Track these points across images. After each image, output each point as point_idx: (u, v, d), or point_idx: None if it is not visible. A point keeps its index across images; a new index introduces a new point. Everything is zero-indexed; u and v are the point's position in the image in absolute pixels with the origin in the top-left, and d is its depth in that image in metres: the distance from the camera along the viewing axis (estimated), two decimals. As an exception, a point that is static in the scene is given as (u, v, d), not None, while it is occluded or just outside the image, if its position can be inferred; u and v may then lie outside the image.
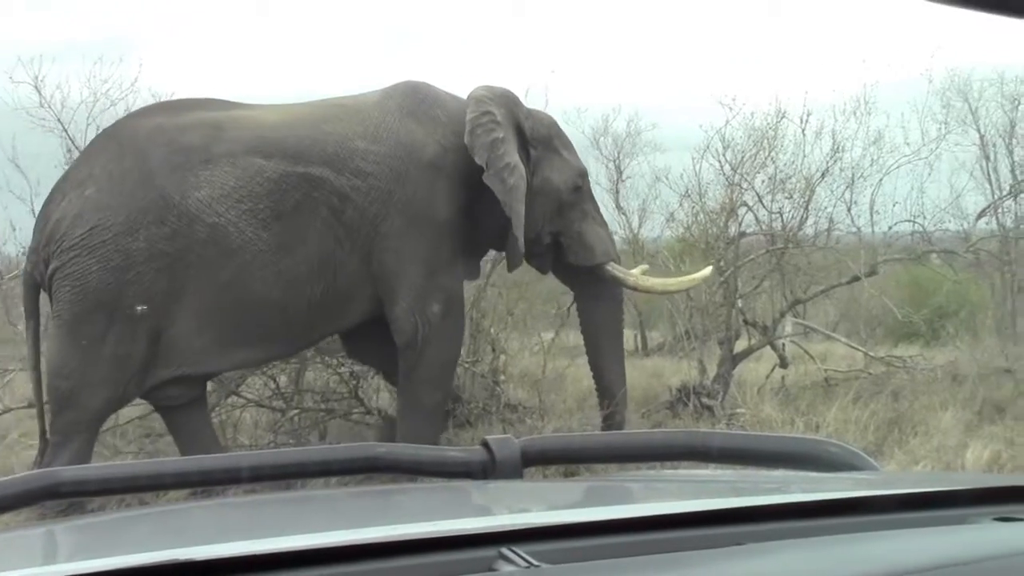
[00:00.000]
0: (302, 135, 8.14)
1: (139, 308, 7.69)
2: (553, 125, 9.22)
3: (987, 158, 14.55)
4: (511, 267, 9.16)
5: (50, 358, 7.94)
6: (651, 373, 12.26)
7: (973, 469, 8.23)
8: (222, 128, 8.06)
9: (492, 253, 9.81)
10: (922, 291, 14.22)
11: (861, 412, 9.93)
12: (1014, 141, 14.42)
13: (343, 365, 10.21)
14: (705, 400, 10.75)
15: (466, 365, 10.50)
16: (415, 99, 8.57)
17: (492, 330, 10.80)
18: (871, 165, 12.79)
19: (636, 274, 9.45)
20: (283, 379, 10.29)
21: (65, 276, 7.75)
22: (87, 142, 10.88)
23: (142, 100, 11.17)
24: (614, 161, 18.69)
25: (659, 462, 2.86)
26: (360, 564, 1.18)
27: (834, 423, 9.64)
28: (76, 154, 10.92)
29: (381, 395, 10.52)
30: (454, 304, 8.59)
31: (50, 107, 10.94)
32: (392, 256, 8.22)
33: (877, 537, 1.25)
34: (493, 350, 10.56)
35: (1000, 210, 14.01)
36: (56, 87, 11.08)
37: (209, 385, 10.02)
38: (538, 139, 8.91)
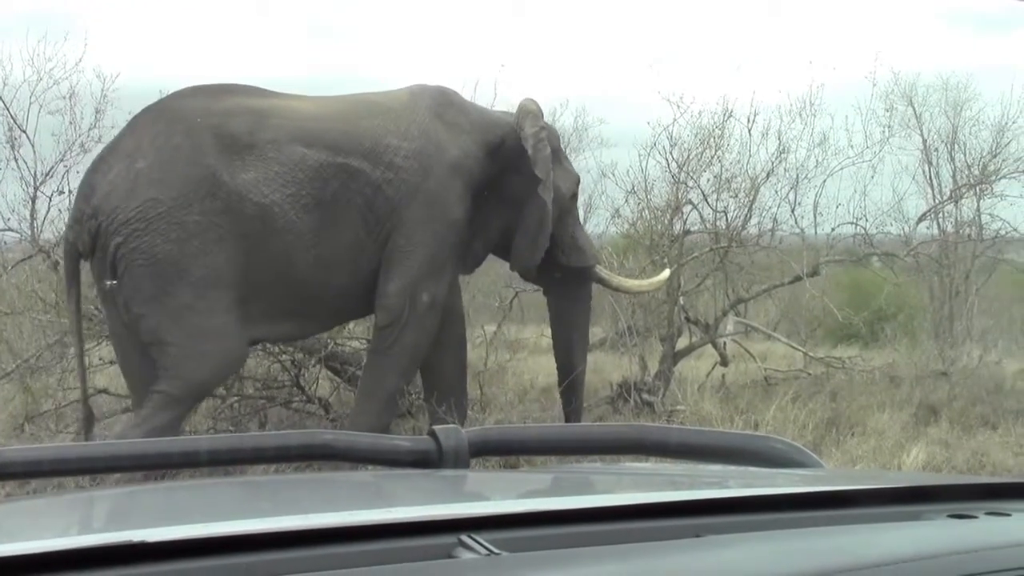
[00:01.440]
0: (341, 128, 8.49)
1: (208, 275, 7.96)
2: (559, 137, 9.86)
3: (929, 163, 14.75)
4: (520, 270, 9.80)
5: (149, 328, 8.01)
6: (592, 368, 12.26)
7: (909, 470, 8.33)
8: (265, 116, 8.35)
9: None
10: (862, 293, 14.38)
11: (800, 411, 10.02)
12: (955, 147, 14.61)
13: (284, 353, 10.15)
14: (645, 396, 10.80)
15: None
16: (442, 103, 8.99)
17: (435, 321, 10.76)
18: (815, 166, 12.90)
19: (617, 276, 10.07)
20: (224, 366, 10.19)
21: (132, 251, 7.93)
22: (29, 121, 10.75)
23: (86, 80, 11.03)
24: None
25: (602, 456, 2.86)
26: (318, 549, 1.16)
27: (773, 422, 9.72)
28: (18, 133, 10.76)
29: (322, 384, 10.47)
30: (438, 299, 8.85)
31: (-8, 85, 10.78)
32: (403, 240, 8.55)
33: (834, 531, 1.26)
34: (436, 342, 10.52)
35: (940, 215, 14.20)
36: (-2, 64, 10.92)
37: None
38: (555, 149, 9.35)
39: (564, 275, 9.54)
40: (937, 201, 14.30)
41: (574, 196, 9.60)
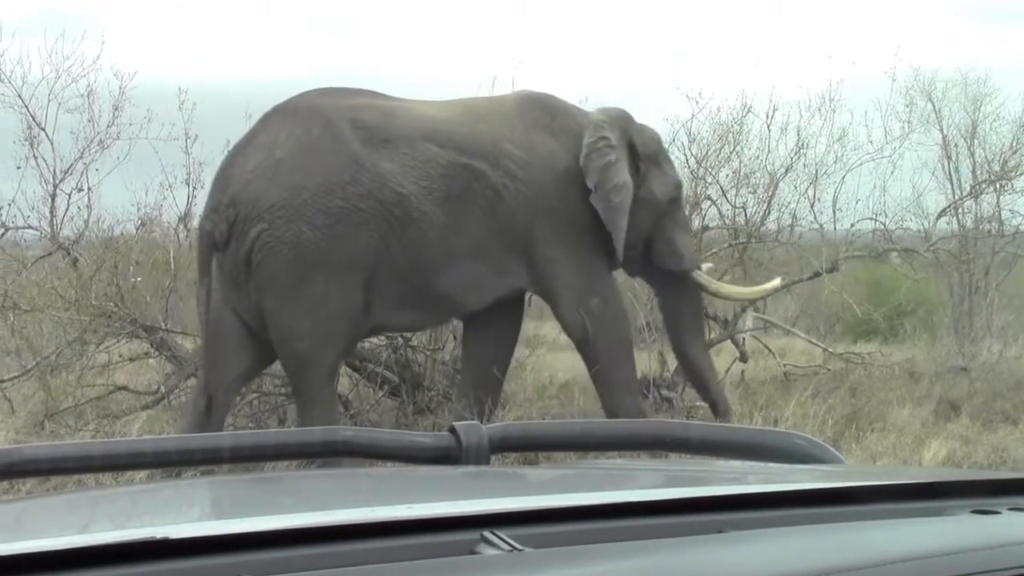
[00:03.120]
0: (464, 131, 8.82)
1: (345, 260, 8.28)
2: (658, 141, 9.94)
3: (949, 158, 14.64)
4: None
5: (280, 326, 8.34)
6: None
7: (930, 465, 8.30)
8: (393, 114, 8.71)
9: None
10: (882, 289, 14.31)
11: (819, 407, 9.99)
12: (975, 142, 14.52)
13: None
14: (665, 392, 10.79)
15: (427, 352, 10.50)
16: (550, 112, 9.27)
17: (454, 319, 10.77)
18: (835, 162, 12.89)
19: (717, 281, 10.16)
20: (242, 362, 10.21)
21: (275, 240, 8.20)
22: (48, 119, 10.78)
23: (104, 78, 11.08)
24: (579, 152, 18.66)
25: (623, 452, 2.85)
26: (340, 545, 1.17)
27: (792, 418, 9.69)
28: (37, 131, 10.81)
29: (341, 380, 10.47)
30: (609, 293, 9.32)
31: (10, 83, 10.83)
32: (544, 263, 8.96)
33: (858, 527, 1.25)
34: (455, 338, 10.53)
35: (960, 210, 14.12)
36: (16, 63, 10.96)
37: (169, 366, 9.99)
38: (647, 155, 9.51)
39: (666, 278, 9.75)
40: (957, 197, 14.22)
41: (673, 200, 9.65)
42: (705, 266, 10.33)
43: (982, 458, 8.84)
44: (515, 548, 1.14)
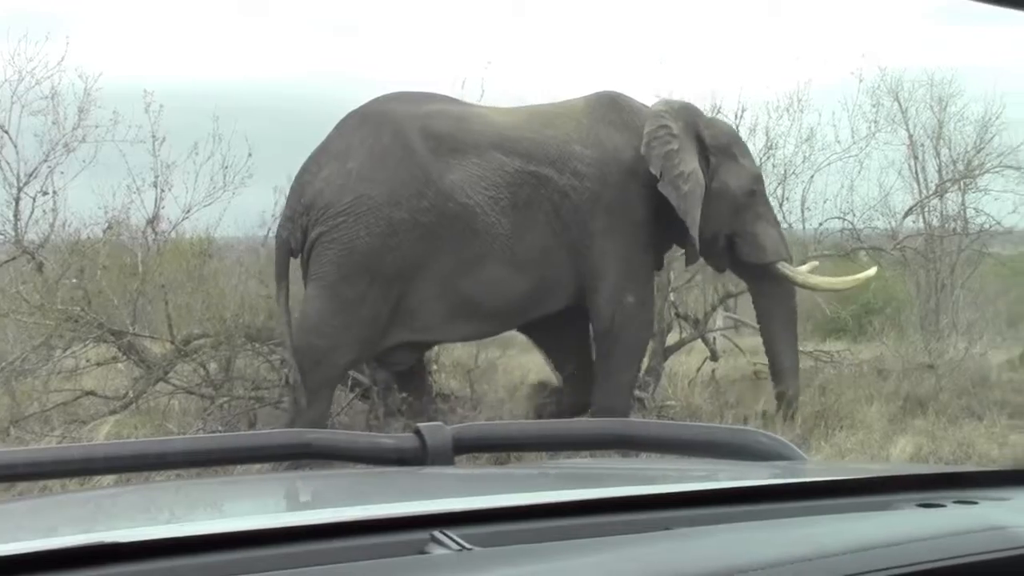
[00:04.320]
0: (531, 137, 9.09)
1: (394, 272, 8.58)
2: (732, 134, 10.18)
3: (915, 157, 14.74)
4: (688, 262, 10.24)
5: (308, 316, 8.78)
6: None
7: (896, 461, 8.36)
8: (463, 122, 9.02)
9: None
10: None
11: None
12: (941, 142, 14.63)
13: (274, 352, 10.13)
14: (637, 392, 10.79)
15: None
16: (617, 108, 9.49)
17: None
18: (803, 162, 13.00)
19: (804, 272, 10.19)
20: (213, 366, 10.18)
21: (332, 240, 8.58)
22: (11, 122, 10.71)
23: (68, 80, 10.98)
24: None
25: (591, 451, 2.87)
26: (291, 546, 1.18)
27: (762, 416, 9.74)
28: (0, 133, 10.73)
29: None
30: (646, 294, 9.53)
31: (-28, 86, 10.73)
32: (597, 253, 9.16)
33: (804, 522, 1.27)
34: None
35: (926, 209, 14.22)
36: (-22, 64, 10.86)
37: (137, 370, 9.94)
38: (717, 147, 9.69)
39: (752, 272, 9.97)
40: (923, 196, 14.33)
41: (751, 192, 9.79)
42: (808, 265, 10.63)
43: (948, 454, 8.91)
44: (464, 547, 1.16)
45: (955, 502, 1.41)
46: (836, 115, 14.67)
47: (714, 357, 11.97)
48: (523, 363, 11.97)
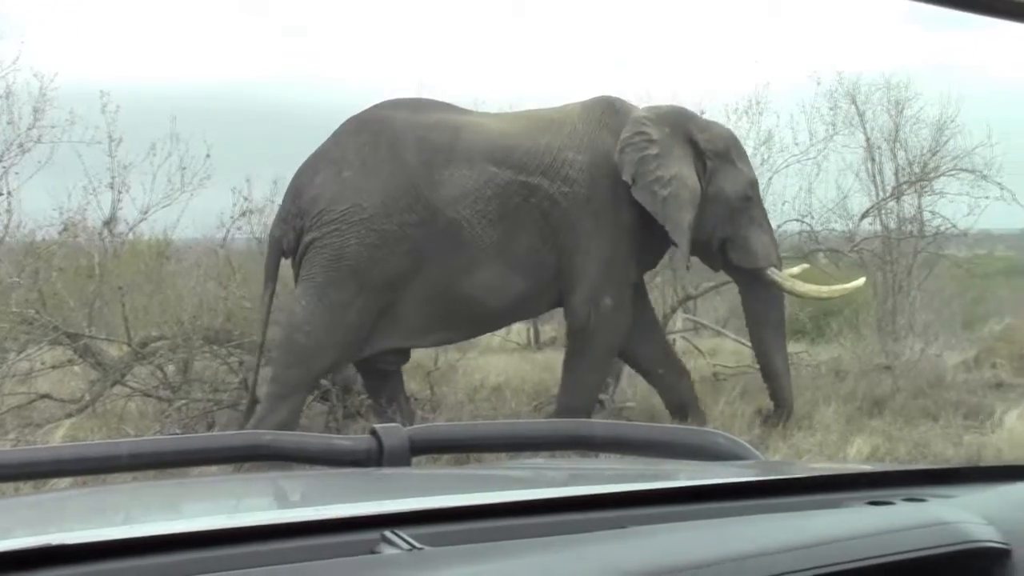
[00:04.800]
0: (524, 146, 9.21)
1: (381, 281, 8.77)
2: (729, 138, 10.18)
3: (872, 160, 14.83)
4: (678, 266, 10.42)
5: (295, 315, 8.89)
6: (543, 367, 12.30)
7: (853, 462, 8.42)
8: (459, 133, 9.14)
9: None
10: (808, 289, 14.46)
11: (748, 406, 10.13)
12: (898, 144, 14.73)
13: (232, 355, 10.09)
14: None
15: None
16: (611, 112, 9.57)
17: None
18: (762, 164, 13.05)
19: (792, 279, 10.25)
20: (171, 369, 10.13)
21: (324, 246, 8.78)
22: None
23: (23, 79, 10.90)
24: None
25: (548, 451, 2.88)
26: (243, 547, 1.17)
27: (721, 417, 9.80)
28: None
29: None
30: (624, 298, 9.53)
31: (-75, 86, 10.63)
32: (579, 253, 9.26)
33: (756, 519, 1.28)
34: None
35: (883, 211, 14.33)
36: (-69, 65, 10.76)
37: (93, 373, 9.86)
38: (713, 151, 9.76)
39: (744, 276, 10.10)
40: (880, 198, 14.44)
41: (746, 198, 9.86)
42: (796, 268, 10.74)
43: (904, 454, 8.99)
44: (414, 547, 1.16)
45: (904, 499, 1.43)
46: (794, 118, 14.78)
47: (673, 358, 11.99)
48: (483, 365, 12.00)
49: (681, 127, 9.67)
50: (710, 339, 13.80)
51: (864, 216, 13.99)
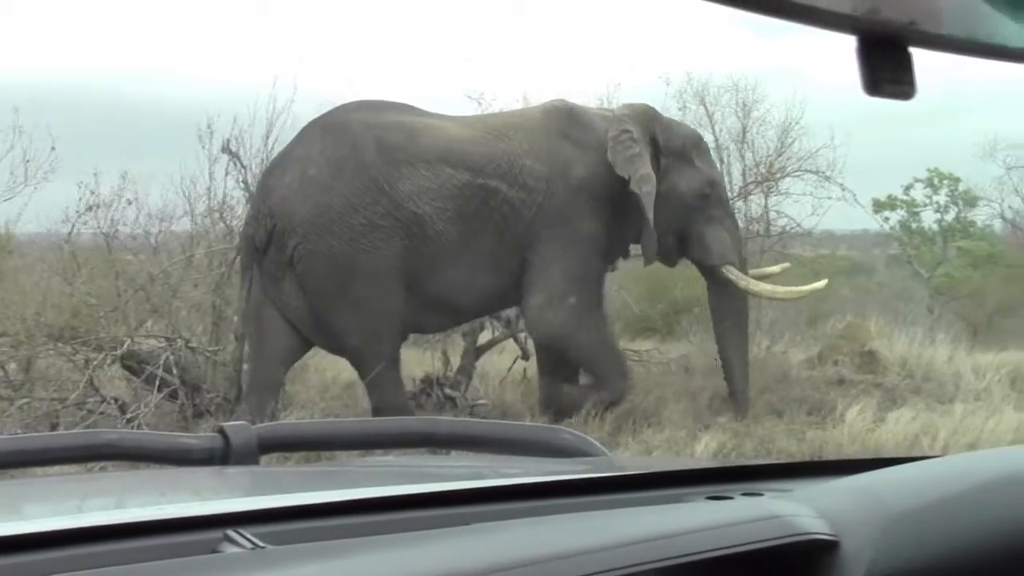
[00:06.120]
0: (482, 151, 9.59)
1: (378, 267, 9.31)
2: (689, 137, 10.54)
3: (721, 160, 15.14)
4: (646, 262, 10.55)
5: (331, 325, 9.54)
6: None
7: (701, 457, 8.60)
8: (417, 134, 9.55)
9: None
10: (658, 287, 14.72)
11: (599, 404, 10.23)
12: (745, 145, 15.09)
13: (78, 353, 9.83)
14: (448, 391, 10.87)
15: (207, 354, 10.29)
16: (571, 122, 9.96)
17: (235, 318, 10.59)
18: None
19: (747, 278, 10.53)
20: (12, 367, 9.83)
21: (310, 253, 9.29)
22: None
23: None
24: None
25: (399, 449, 2.88)
26: (79, 549, 1.15)
27: (573, 414, 9.89)
28: None
29: (118, 384, 10.18)
30: (591, 295, 9.98)
31: None
32: (537, 259, 9.67)
33: (596, 515, 1.31)
34: (236, 339, 10.36)
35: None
36: None
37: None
38: (670, 150, 10.09)
39: (703, 272, 10.52)
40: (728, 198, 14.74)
41: (702, 196, 10.16)
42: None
43: (750, 450, 9.21)
44: (257, 546, 1.16)
45: (743, 494, 1.47)
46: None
47: (525, 356, 12.10)
48: (335, 362, 11.91)
49: (648, 126, 10.02)
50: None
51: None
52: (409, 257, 9.36)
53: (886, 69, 0.87)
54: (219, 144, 11.87)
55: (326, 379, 11.20)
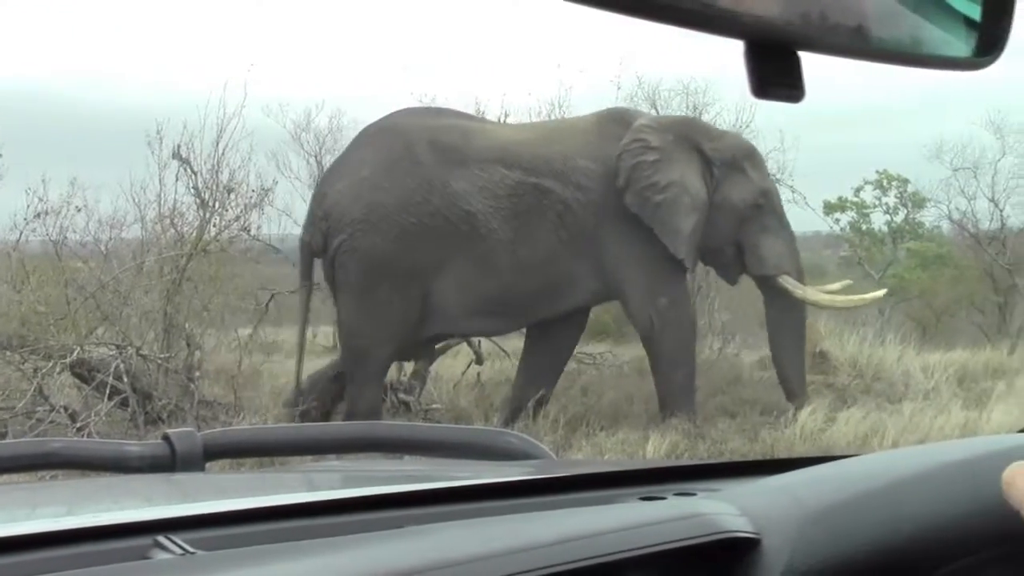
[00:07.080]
0: (536, 152, 9.81)
1: (411, 270, 9.47)
2: (740, 148, 10.62)
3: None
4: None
5: (343, 322, 10.04)
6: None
7: (653, 458, 8.64)
8: (471, 136, 9.82)
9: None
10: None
11: (552, 407, 10.27)
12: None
13: (26, 361, 9.73)
14: (402, 396, 10.86)
15: (159, 361, 10.22)
16: (623, 124, 10.07)
17: (187, 325, 10.55)
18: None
19: (804, 287, 10.56)
20: (-41, 376, 9.72)
21: (352, 249, 9.52)
22: None
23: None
24: (315, 156, 18.67)
25: (345, 454, 2.89)
26: (11, 556, 1.16)
27: (525, 418, 9.92)
28: None
29: (68, 392, 10.09)
30: (677, 294, 10.13)
31: None
32: (613, 261, 9.84)
33: (531, 516, 1.33)
34: (188, 346, 10.31)
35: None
36: None
37: None
38: (721, 160, 10.15)
39: (760, 283, 10.54)
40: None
41: (756, 206, 10.23)
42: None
43: (703, 450, 9.27)
44: (187, 551, 1.16)
45: (675, 494, 1.49)
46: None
47: (479, 360, 12.13)
48: (288, 368, 11.86)
49: (687, 136, 10.12)
50: (515, 341, 13.91)
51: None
52: (456, 260, 9.53)
53: (774, 72, 0.89)
54: (169, 150, 11.82)
55: (279, 385, 11.16)
